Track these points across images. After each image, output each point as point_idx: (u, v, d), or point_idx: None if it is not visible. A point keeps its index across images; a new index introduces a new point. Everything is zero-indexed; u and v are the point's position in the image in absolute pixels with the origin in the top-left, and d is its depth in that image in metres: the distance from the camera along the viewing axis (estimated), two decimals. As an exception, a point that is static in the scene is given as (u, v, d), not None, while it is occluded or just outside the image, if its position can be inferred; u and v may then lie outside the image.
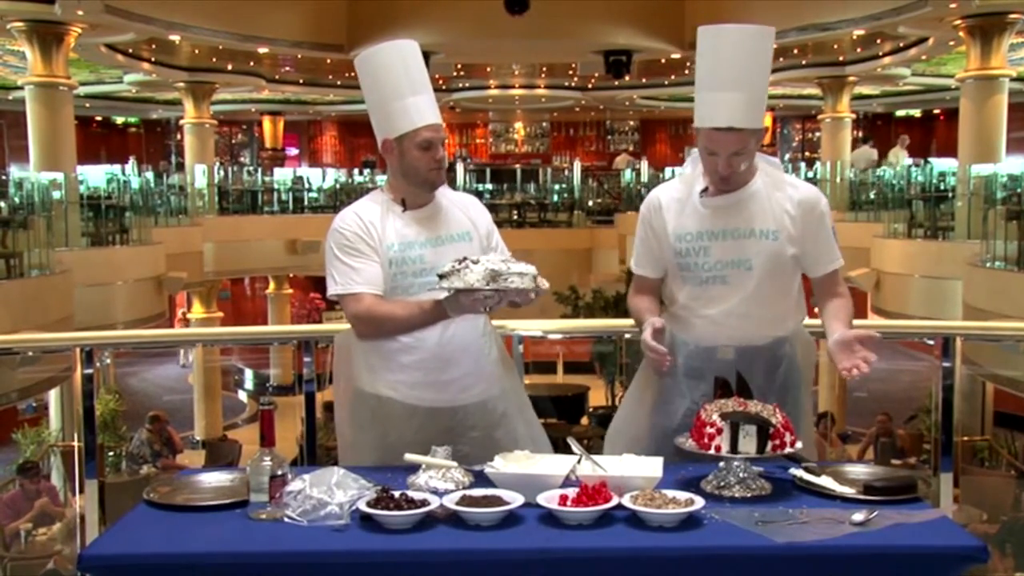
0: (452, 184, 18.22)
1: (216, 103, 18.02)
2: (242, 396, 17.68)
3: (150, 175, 14.64)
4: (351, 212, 2.54)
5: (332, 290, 2.47)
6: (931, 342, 3.35)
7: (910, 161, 15.52)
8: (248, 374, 18.61)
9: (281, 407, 2.30)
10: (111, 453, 9.39)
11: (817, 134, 22.23)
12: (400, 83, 2.47)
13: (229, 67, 16.35)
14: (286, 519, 1.96)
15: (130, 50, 14.56)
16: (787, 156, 23.57)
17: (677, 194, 2.54)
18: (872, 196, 14.83)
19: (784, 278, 2.50)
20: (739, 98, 2.39)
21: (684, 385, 2.52)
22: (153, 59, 15.45)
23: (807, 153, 23.35)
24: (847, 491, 2.09)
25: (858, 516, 1.95)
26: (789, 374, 2.52)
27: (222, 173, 17.20)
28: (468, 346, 2.49)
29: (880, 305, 11.53)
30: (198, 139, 16.67)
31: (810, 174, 16.95)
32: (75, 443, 3.66)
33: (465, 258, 2.22)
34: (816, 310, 2.64)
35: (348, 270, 2.44)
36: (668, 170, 19.29)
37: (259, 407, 2.04)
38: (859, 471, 2.23)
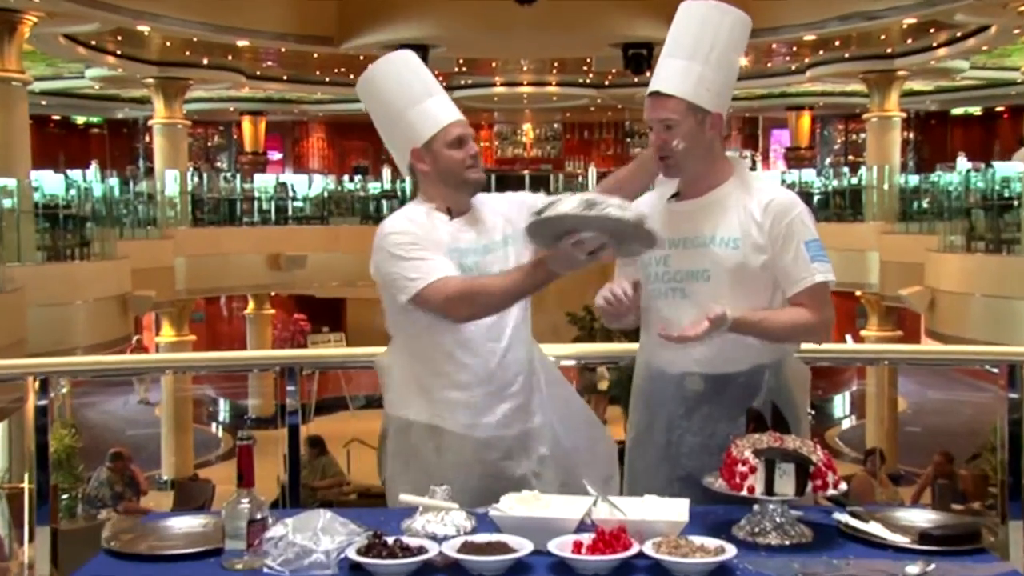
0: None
1: (190, 101, 18.12)
2: (216, 430, 17.67)
3: (115, 181, 14.70)
4: (401, 217, 2.58)
5: (409, 290, 2.45)
6: (995, 370, 3.31)
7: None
8: (223, 405, 18.61)
9: (261, 442, 2.30)
10: (66, 495, 9.38)
11: (862, 136, 22.23)
12: (413, 88, 2.60)
13: (204, 61, 16.45)
14: (266, 569, 1.96)
15: (93, 42, 14.65)
16: (827, 160, 23.59)
17: (650, 199, 2.62)
18: (925, 205, 14.83)
19: (754, 294, 2.46)
20: (682, 65, 2.48)
21: (656, 425, 2.56)
22: (119, 52, 15.56)
23: (850, 157, 23.36)
24: (900, 539, 2.08)
25: (913, 569, 1.93)
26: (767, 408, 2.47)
27: (196, 179, 17.28)
28: (523, 369, 2.59)
29: (936, 328, 11.50)
30: (169, 141, 16.75)
31: (854, 180, 16.96)
32: (25, 484, 3.65)
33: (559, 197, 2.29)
34: (850, 338, 2.64)
35: (421, 263, 2.46)
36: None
37: (236, 442, 2.04)
38: (914, 517, 2.22)
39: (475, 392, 2.53)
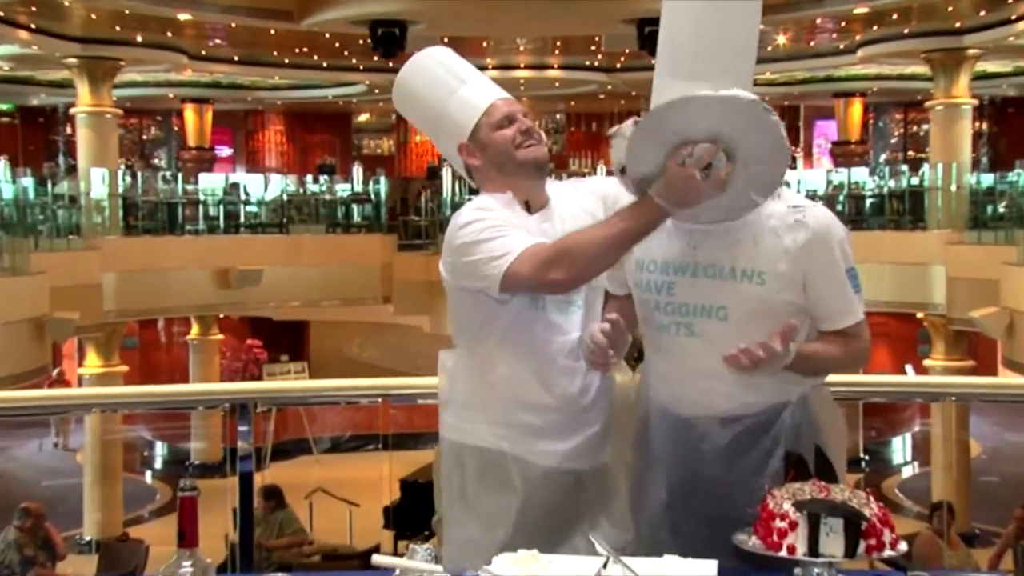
0: (438, 194, 18.07)
1: (121, 86, 18.12)
2: (151, 479, 17.61)
3: (28, 181, 14.68)
4: (474, 208, 2.62)
5: (498, 272, 2.46)
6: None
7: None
8: (160, 450, 18.55)
9: (206, 493, 2.31)
10: (-37, 560, 9.32)
11: (924, 127, 22.29)
12: (445, 82, 2.74)
13: (139, 38, 16.47)
14: (211, 644, 1.96)
15: (2, 13, 14.67)
16: (882, 156, 23.65)
17: None
18: (1002, 209, 14.86)
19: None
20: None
21: (658, 469, 2.60)
22: (34, 26, 15.55)
23: (910, 152, 23.43)
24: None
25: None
26: (799, 450, 2.53)
27: (128, 179, 17.26)
28: (603, 396, 2.67)
29: (1015, 357, 11.53)
30: (96, 134, 16.73)
31: (914, 180, 16.99)
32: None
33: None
34: (911, 368, 2.68)
35: (504, 239, 2.49)
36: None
37: (176, 494, 2.05)
38: (988, 583, 2.23)
39: (551, 417, 2.60)
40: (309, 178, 19.96)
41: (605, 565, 2.14)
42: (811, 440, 2.53)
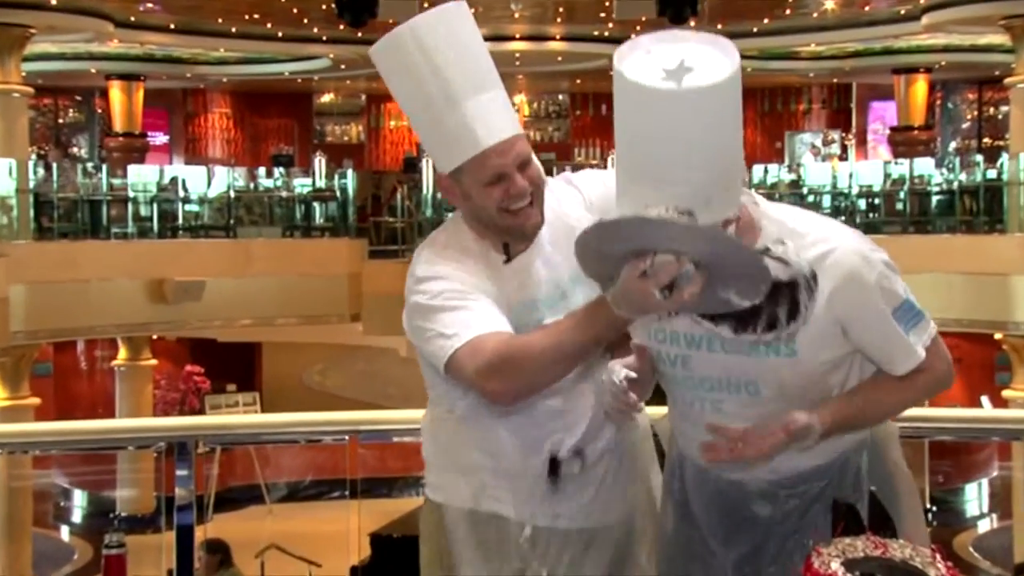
0: (417, 190, 18.14)
1: (32, 59, 18.12)
2: (68, 535, 17.56)
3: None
4: (439, 252, 2.65)
5: (444, 354, 2.52)
6: None
7: None
8: (79, 499, 18.49)
9: (136, 550, 2.31)
10: None
11: (1003, 109, 22.34)
12: (429, 88, 2.60)
13: (53, 1, 16.49)
14: None
15: None
16: (952, 144, 23.70)
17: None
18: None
19: (826, 388, 2.53)
20: None
21: (710, 540, 2.67)
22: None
23: (986, 140, 23.49)
24: None
25: None
26: (861, 497, 2.59)
27: (42, 172, 17.25)
28: (609, 445, 2.74)
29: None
30: (1, 116, 16.76)
31: (991, 173, 17.02)
32: None
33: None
34: (987, 400, 2.70)
35: (459, 315, 2.53)
36: (758, 168, 19.40)
37: (101, 552, 2.06)
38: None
39: (540, 482, 2.68)
40: (261, 171, 19.94)
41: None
42: (866, 485, 2.58)
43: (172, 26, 18.85)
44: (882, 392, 2.53)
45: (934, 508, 16.93)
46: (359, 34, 17.92)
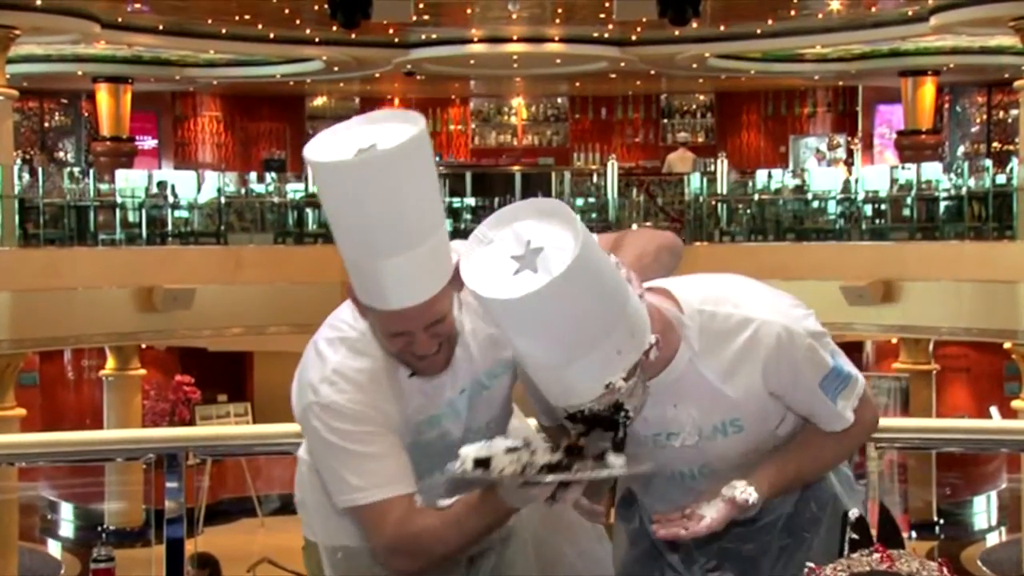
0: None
1: (16, 61, 18.11)
2: (56, 549, 17.55)
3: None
4: (339, 371, 2.62)
5: (345, 501, 2.60)
6: None
7: None
8: (66, 512, 18.47)
9: (124, 565, 2.31)
10: None
11: (1013, 112, 22.35)
12: (352, 235, 2.48)
13: (38, 1, 16.50)
14: None
15: None
16: (961, 149, 23.70)
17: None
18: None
19: (778, 441, 2.66)
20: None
21: (669, 558, 2.80)
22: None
23: (995, 144, 23.49)
24: None
25: None
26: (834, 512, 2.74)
27: (27, 177, 17.24)
28: None
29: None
30: (-14, 120, 16.78)
31: (1000, 178, 17.02)
32: None
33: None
34: (996, 411, 2.78)
35: (367, 465, 2.57)
36: (761, 173, 19.40)
37: (89, 566, 2.06)
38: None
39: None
40: (253, 176, 19.96)
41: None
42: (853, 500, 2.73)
43: (160, 27, 18.82)
44: (815, 449, 2.62)
45: (941, 521, 16.93)
46: (352, 36, 17.94)
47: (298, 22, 18.24)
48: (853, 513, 2.42)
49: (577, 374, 2.23)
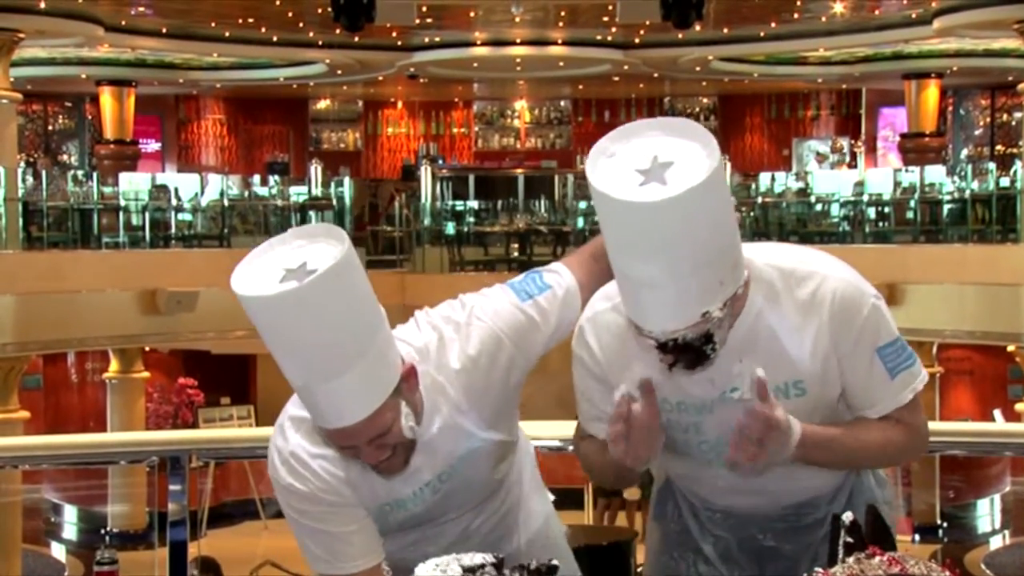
0: (415, 199, 18.11)
1: (20, 64, 18.11)
2: (59, 551, 17.55)
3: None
4: (296, 455, 2.64)
5: (314, 566, 2.69)
6: None
7: None
8: (70, 515, 18.47)
9: (127, 567, 2.31)
10: None
11: (1017, 115, 22.34)
12: (286, 360, 2.45)
13: (42, 5, 16.51)
14: None
15: None
16: (964, 152, 23.69)
17: (625, 331, 2.51)
18: None
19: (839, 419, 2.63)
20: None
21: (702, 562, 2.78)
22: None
23: (999, 147, 23.47)
24: None
25: None
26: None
27: (31, 179, 17.25)
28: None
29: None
30: (-10, 123, 16.78)
31: (1004, 181, 17.02)
32: None
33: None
34: (999, 414, 2.73)
35: (329, 543, 2.64)
36: (765, 176, 19.38)
37: (92, 569, 2.06)
38: None
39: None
40: (256, 179, 19.95)
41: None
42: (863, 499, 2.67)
43: (164, 30, 18.83)
44: (861, 430, 2.57)
45: (945, 524, 16.92)
46: (356, 39, 17.92)
47: (301, 25, 18.24)
48: (847, 516, 2.39)
49: (681, 296, 2.22)
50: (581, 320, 2.63)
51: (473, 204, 20.50)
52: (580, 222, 19.31)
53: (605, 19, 18.52)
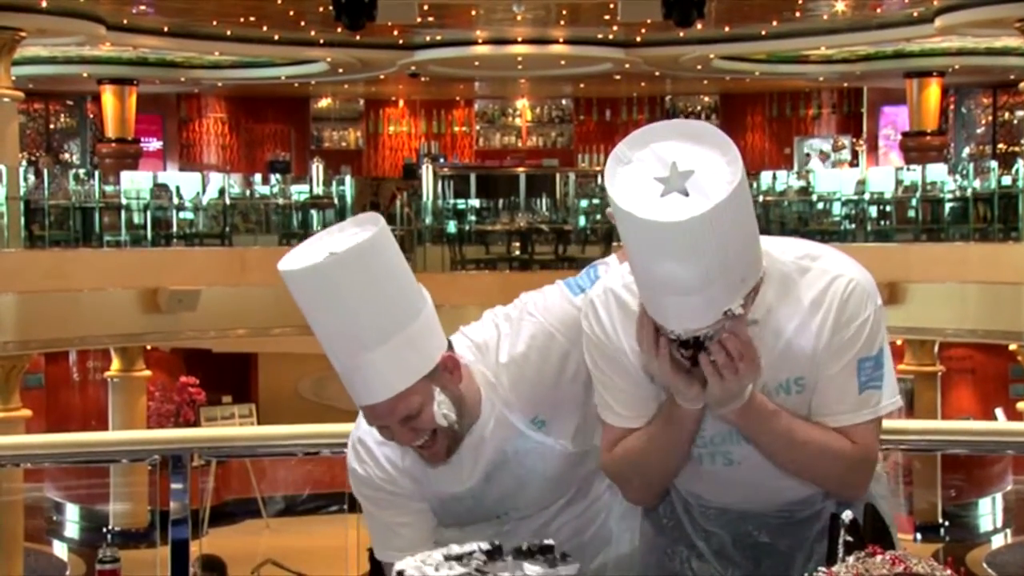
0: (417, 197, 18.15)
1: (22, 63, 18.11)
2: (61, 550, 17.56)
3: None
4: (363, 442, 2.77)
5: (374, 546, 2.85)
6: None
7: None
8: (72, 513, 18.47)
9: (129, 566, 2.32)
10: None
11: (1019, 113, 22.34)
12: (322, 332, 2.57)
13: (43, 4, 16.52)
14: None
15: None
16: (965, 150, 23.67)
17: (633, 311, 2.48)
18: None
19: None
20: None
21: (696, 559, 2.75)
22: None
23: (1000, 145, 23.47)
24: None
25: None
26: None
27: (33, 178, 17.25)
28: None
29: None
30: (-9, 122, 16.78)
31: (1005, 179, 17.01)
32: None
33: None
34: (1001, 412, 2.70)
35: (382, 530, 2.80)
36: (766, 175, 19.36)
37: (95, 567, 2.06)
38: None
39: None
40: (257, 178, 19.97)
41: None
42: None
43: (166, 29, 18.83)
44: (808, 424, 2.49)
45: (946, 523, 16.92)
46: (357, 37, 17.92)
47: (303, 24, 18.24)
48: (847, 515, 2.38)
49: (705, 300, 2.21)
50: (591, 294, 2.61)
51: (474, 203, 20.52)
52: (582, 221, 19.33)
53: (606, 18, 18.53)
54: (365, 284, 2.49)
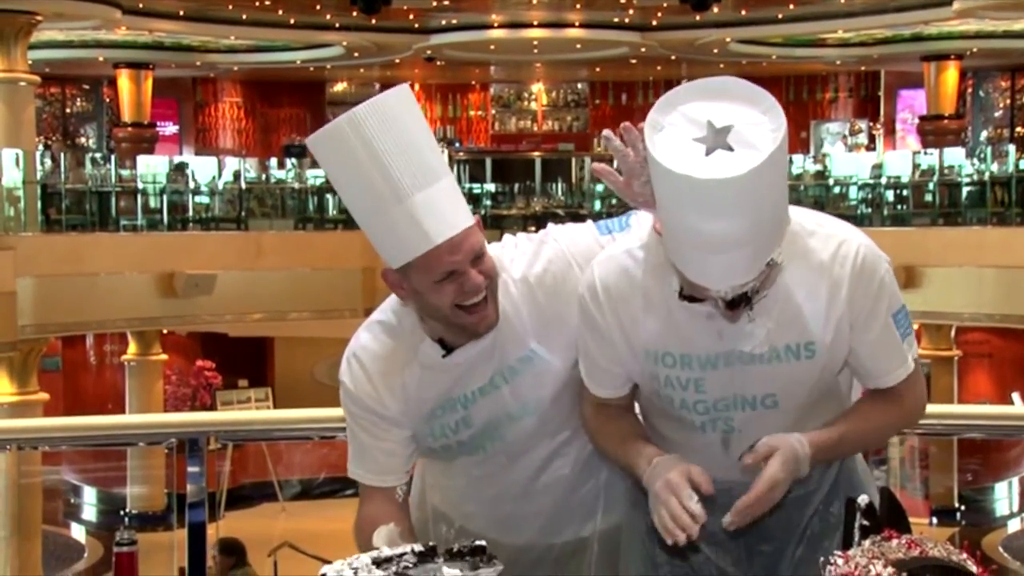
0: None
1: (38, 47, 18.14)
2: (79, 532, 17.64)
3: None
4: (357, 354, 2.77)
5: (348, 463, 2.85)
6: None
7: None
8: (89, 496, 18.55)
9: (147, 548, 2.33)
10: None
11: (1036, 97, 22.24)
12: (374, 183, 2.51)
13: (60, -13, 16.56)
14: None
15: None
16: (983, 134, 23.60)
17: (638, 278, 2.52)
18: None
19: (836, 400, 2.63)
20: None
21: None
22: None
23: (1018, 128, 23.38)
24: None
25: None
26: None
27: (49, 163, 17.29)
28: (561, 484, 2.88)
29: None
30: (7, 106, 16.77)
31: (1023, 164, 16.96)
32: None
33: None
34: (1019, 397, 2.72)
35: (358, 449, 2.82)
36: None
37: (112, 549, 2.07)
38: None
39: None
40: (273, 162, 19.98)
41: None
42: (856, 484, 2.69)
43: (181, 13, 18.85)
44: (860, 419, 2.58)
45: (962, 507, 16.90)
46: (373, 21, 17.93)
47: (318, 8, 18.26)
48: (863, 499, 2.38)
49: (753, 252, 2.21)
50: (597, 269, 2.58)
51: (490, 187, 20.53)
52: (597, 205, 19.31)
53: (622, 1, 18.52)
54: (419, 119, 2.56)
